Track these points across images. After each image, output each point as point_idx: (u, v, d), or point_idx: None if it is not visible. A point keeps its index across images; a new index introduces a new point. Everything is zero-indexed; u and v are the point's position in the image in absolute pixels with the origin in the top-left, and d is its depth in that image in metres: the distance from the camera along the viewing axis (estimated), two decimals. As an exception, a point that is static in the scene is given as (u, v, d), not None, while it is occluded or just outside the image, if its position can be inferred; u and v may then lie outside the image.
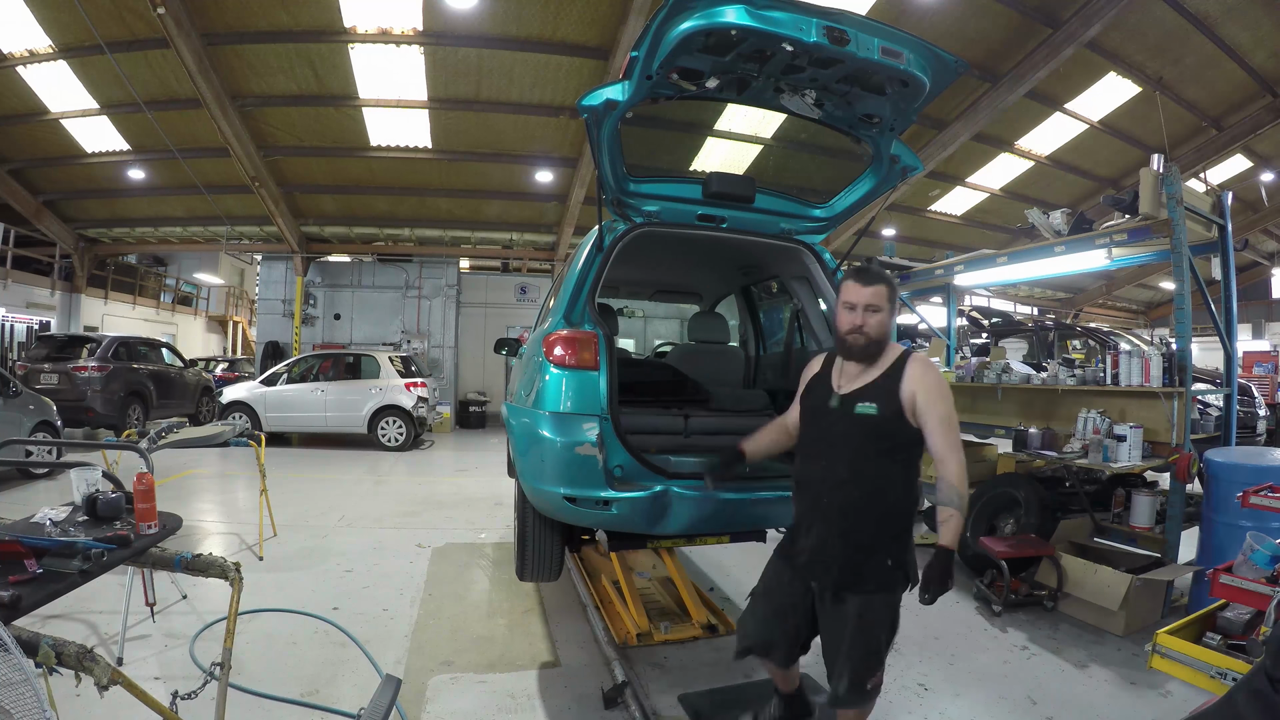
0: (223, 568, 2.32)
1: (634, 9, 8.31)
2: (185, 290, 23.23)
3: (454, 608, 4.08)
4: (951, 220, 15.92)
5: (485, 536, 5.69)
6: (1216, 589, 2.26)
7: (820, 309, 3.64)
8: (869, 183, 3.18)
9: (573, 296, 2.94)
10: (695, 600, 3.78)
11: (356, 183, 13.12)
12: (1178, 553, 4.07)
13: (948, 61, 2.44)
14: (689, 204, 3.21)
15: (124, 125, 11.30)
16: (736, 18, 2.19)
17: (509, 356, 4.85)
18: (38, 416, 7.31)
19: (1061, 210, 5.14)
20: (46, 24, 9.09)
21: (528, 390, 2.94)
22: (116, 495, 2.47)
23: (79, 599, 3.38)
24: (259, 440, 5.25)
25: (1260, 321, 22.24)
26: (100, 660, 1.69)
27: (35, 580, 1.84)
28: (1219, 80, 10.93)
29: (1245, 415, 7.56)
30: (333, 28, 9.16)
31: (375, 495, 7.38)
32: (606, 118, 2.57)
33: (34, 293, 15.10)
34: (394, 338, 15.08)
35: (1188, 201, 4.17)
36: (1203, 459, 3.97)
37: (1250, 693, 0.85)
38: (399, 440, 10.77)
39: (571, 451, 2.56)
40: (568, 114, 10.84)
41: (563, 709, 2.91)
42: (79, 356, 10.02)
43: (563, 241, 14.61)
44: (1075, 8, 8.95)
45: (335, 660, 3.29)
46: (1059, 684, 3.22)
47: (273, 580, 4.35)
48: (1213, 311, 4.66)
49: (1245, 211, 16.00)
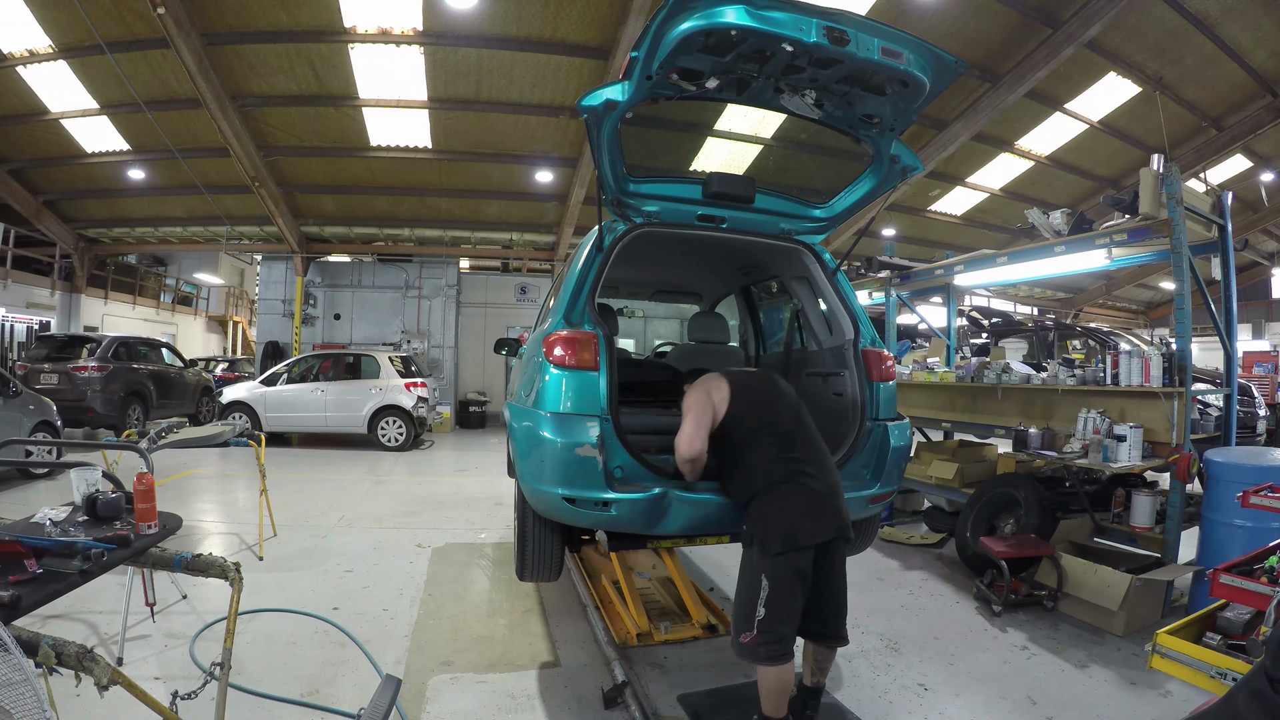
0: (223, 568, 2.32)
1: (634, 9, 8.31)
2: (185, 290, 23.23)
3: (454, 608, 4.08)
4: (951, 220, 15.92)
5: (485, 536, 5.69)
6: (1216, 589, 2.26)
7: (820, 309, 3.64)
8: (869, 183, 3.18)
9: (573, 297, 2.93)
10: (695, 600, 3.78)
11: (356, 183, 13.12)
12: (1178, 553, 4.07)
13: (948, 61, 2.44)
14: (689, 204, 3.21)
15: (124, 125, 11.30)
16: (736, 18, 2.19)
17: (509, 356, 4.85)
18: (38, 416, 7.32)
19: (1061, 210, 5.13)
20: (46, 24, 9.09)
21: (528, 390, 2.94)
22: (116, 495, 2.47)
23: (79, 599, 3.38)
24: (259, 440, 5.25)
25: (1260, 321, 22.25)
26: (100, 660, 1.69)
27: (35, 580, 1.84)
28: (1219, 80, 10.93)
29: (1245, 415, 7.55)
30: (333, 28, 9.16)
31: (375, 495, 7.38)
32: (606, 118, 2.57)
33: (34, 293, 15.10)
34: (394, 338, 15.08)
35: (1188, 201, 4.17)
36: (1203, 459, 3.97)
37: (1250, 693, 0.85)
38: (399, 440, 10.77)
39: (571, 453, 2.55)
40: (568, 114, 10.84)
41: (563, 709, 2.91)
42: (79, 356, 10.03)
43: (563, 241, 14.61)
44: (1075, 8, 8.95)
45: (335, 660, 3.29)
46: (1059, 684, 3.22)
47: (273, 580, 4.35)
48: (1213, 311, 4.66)
49: (1245, 211, 16.01)
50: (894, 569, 5.05)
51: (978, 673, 3.34)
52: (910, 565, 5.14)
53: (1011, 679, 3.27)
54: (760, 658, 2.38)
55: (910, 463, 6.12)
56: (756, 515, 2.46)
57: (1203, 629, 2.23)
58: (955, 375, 5.71)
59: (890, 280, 6.82)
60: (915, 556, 5.37)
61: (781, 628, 2.37)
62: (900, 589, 4.60)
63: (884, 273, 6.88)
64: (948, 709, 2.98)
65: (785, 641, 2.38)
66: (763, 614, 2.36)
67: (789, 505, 2.42)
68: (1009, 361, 5.68)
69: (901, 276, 6.80)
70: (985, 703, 3.05)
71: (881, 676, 3.28)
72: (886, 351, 3.28)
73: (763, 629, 2.35)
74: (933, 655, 3.52)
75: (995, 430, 5.20)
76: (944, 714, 2.94)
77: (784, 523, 2.39)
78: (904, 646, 3.63)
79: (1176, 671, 2.10)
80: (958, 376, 5.65)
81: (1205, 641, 2.15)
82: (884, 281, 6.90)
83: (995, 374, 5.24)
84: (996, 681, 3.24)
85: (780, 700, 2.42)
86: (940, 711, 2.96)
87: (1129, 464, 3.95)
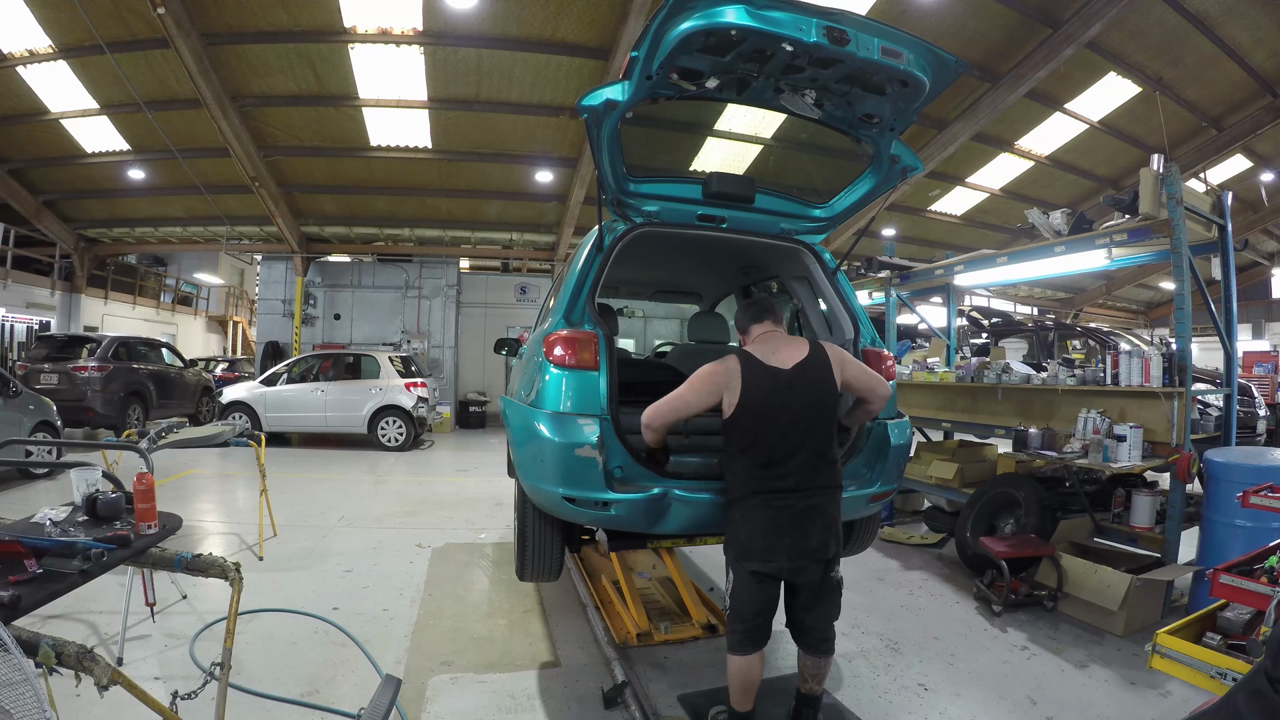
0: (223, 568, 2.32)
1: (634, 9, 8.31)
2: (185, 290, 23.22)
3: (454, 608, 4.08)
4: (951, 220, 15.92)
5: (485, 536, 5.69)
6: (1216, 589, 2.26)
7: (820, 309, 3.64)
8: (869, 183, 3.18)
9: (573, 296, 2.93)
10: (695, 600, 3.78)
11: (356, 183, 13.12)
12: (1178, 553, 4.07)
13: (948, 61, 2.44)
14: (689, 204, 3.21)
15: (124, 125, 11.30)
16: (736, 18, 2.19)
17: (509, 356, 4.85)
18: (38, 416, 7.32)
19: (1061, 210, 5.13)
20: (46, 24, 9.08)
21: (527, 390, 2.94)
22: (116, 495, 2.47)
23: (79, 599, 3.38)
24: (259, 440, 5.25)
25: (1260, 321, 22.24)
26: (100, 660, 1.69)
27: (35, 580, 1.84)
28: (1219, 80, 10.92)
29: (1245, 415, 7.55)
30: (332, 28, 9.15)
31: (375, 495, 7.38)
32: (606, 118, 2.57)
33: (34, 293, 15.10)
34: (394, 338, 15.08)
35: (1188, 201, 4.17)
36: (1203, 459, 3.97)
37: (1250, 693, 0.84)
38: (399, 440, 10.77)
39: (571, 453, 2.55)
40: (568, 114, 10.83)
41: (563, 709, 2.91)
42: (79, 356, 10.03)
43: (563, 241, 14.61)
44: (1075, 8, 8.95)
45: (335, 660, 3.29)
46: (1059, 684, 3.22)
47: (273, 580, 4.35)
48: (1213, 311, 4.66)
49: (1245, 211, 16.00)
50: (894, 569, 5.05)
51: (978, 673, 3.34)
52: (910, 565, 5.14)
53: (1011, 679, 3.27)
54: (728, 645, 2.53)
55: (910, 463, 6.12)
56: (730, 518, 2.56)
57: (1203, 629, 2.23)
58: (955, 375, 5.71)
59: (890, 280, 6.82)
60: (915, 556, 5.37)
61: (740, 621, 2.49)
62: (900, 589, 4.60)
63: (884, 273, 6.87)
64: (948, 709, 2.98)
65: (748, 634, 2.48)
66: (729, 604, 2.56)
67: (749, 521, 2.47)
68: (1009, 361, 5.68)
69: (901, 276, 6.79)
70: (985, 703, 3.05)
71: (881, 676, 3.28)
72: (886, 351, 3.29)
73: (729, 618, 2.55)
74: (933, 655, 3.52)
75: (995, 430, 5.20)
76: (944, 714, 2.94)
77: (743, 535, 2.49)
78: (904, 646, 3.63)
79: (1176, 671, 2.10)
80: (958, 376, 5.65)
81: (1205, 641, 2.15)
82: (884, 281, 6.90)
83: (995, 374, 5.24)
84: (996, 681, 3.25)
85: (742, 695, 2.51)
86: (940, 711, 2.96)
87: (1129, 464, 3.95)
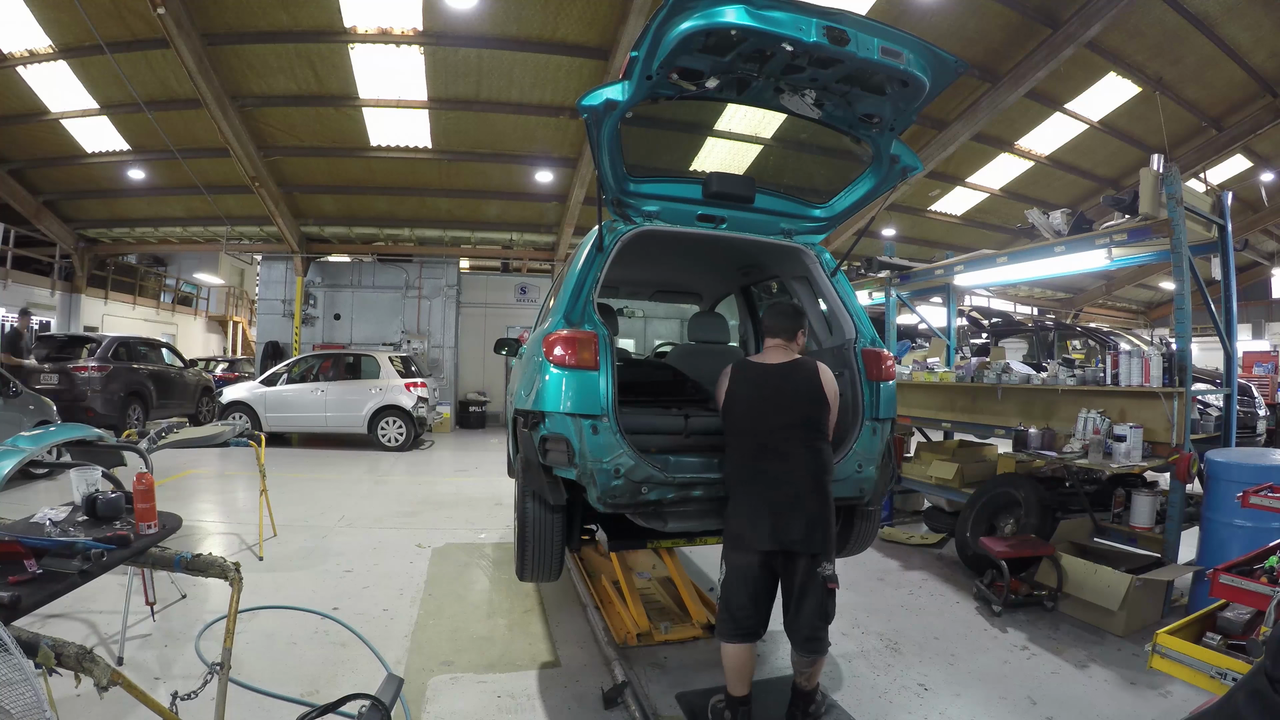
0: (223, 568, 2.32)
1: (634, 9, 8.31)
2: (185, 290, 23.21)
3: (454, 608, 4.08)
4: (951, 220, 15.91)
5: (485, 536, 5.69)
6: (1216, 589, 2.26)
7: (820, 309, 3.64)
8: (869, 183, 3.18)
9: (573, 296, 2.94)
10: (695, 600, 3.78)
11: (356, 183, 13.11)
12: (1178, 553, 4.07)
13: (948, 61, 2.44)
14: (689, 204, 3.21)
15: (124, 125, 11.30)
16: (736, 18, 2.19)
17: (509, 356, 4.85)
18: (38, 416, 7.32)
19: (1061, 210, 5.14)
20: (46, 24, 9.08)
21: (528, 390, 2.95)
22: (116, 495, 2.47)
23: (79, 599, 3.39)
24: (259, 440, 5.25)
25: (1260, 321, 22.22)
26: (100, 661, 1.70)
27: (35, 580, 1.85)
28: (1219, 80, 10.92)
29: (1245, 415, 7.55)
30: (333, 28, 9.15)
31: (375, 495, 7.38)
32: (606, 118, 2.57)
33: (34, 293, 15.08)
34: (394, 338, 15.07)
35: (1188, 201, 4.17)
36: (1203, 459, 3.97)
37: (1250, 693, 0.84)
38: (399, 440, 10.77)
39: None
40: (568, 114, 10.83)
41: (563, 709, 2.91)
42: (79, 356, 10.02)
43: (563, 241, 14.61)
44: (1075, 8, 8.95)
45: (335, 660, 3.29)
46: (1059, 684, 3.22)
47: (272, 580, 4.35)
48: (1213, 311, 4.66)
49: (1245, 211, 15.99)
50: (894, 569, 5.05)
51: (978, 673, 3.34)
52: (910, 565, 5.13)
53: (1011, 679, 3.27)
54: (717, 632, 2.69)
55: (910, 463, 6.15)
56: (726, 510, 2.70)
57: (1203, 629, 2.23)
58: (955, 375, 5.71)
59: (890, 280, 6.82)
60: (915, 556, 5.37)
61: (726, 610, 2.63)
62: (900, 589, 4.60)
63: (884, 273, 6.88)
64: (948, 709, 2.98)
65: (737, 624, 2.60)
66: (720, 594, 2.69)
67: (737, 510, 2.63)
68: (1009, 361, 5.68)
69: (901, 276, 6.79)
70: (985, 703, 3.05)
71: (881, 676, 3.28)
72: (886, 351, 3.29)
73: (720, 607, 2.68)
74: (933, 655, 3.52)
75: (995, 430, 5.19)
76: (944, 714, 2.94)
77: (734, 524, 2.63)
78: (904, 646, 3.63)
79: (1176, 671, 2.10)
80: (958, 376, 5.65)
81: (1205, 641, 2.15)
82: (884, 281, 6.90)
83: (995, 374, 5.24)
84: (996, 681, 3.24)
85: (735, 679, 2.63)
86: (940, 711, 2.96)
87: (1129, 464, 3.95)
